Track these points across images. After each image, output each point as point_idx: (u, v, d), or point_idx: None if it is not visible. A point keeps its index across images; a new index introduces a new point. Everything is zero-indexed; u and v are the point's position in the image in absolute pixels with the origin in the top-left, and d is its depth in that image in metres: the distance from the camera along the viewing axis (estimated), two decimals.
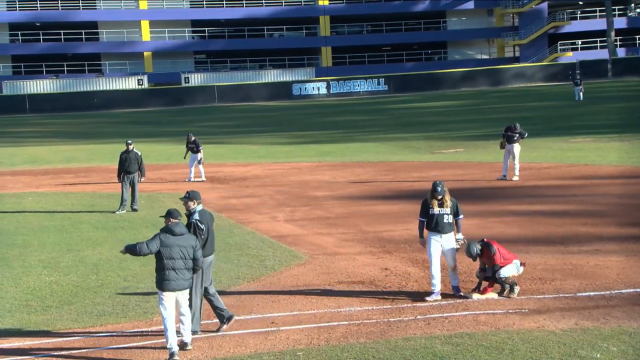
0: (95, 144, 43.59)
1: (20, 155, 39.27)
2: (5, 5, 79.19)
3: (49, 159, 37.17)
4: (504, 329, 10.76)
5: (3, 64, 79.51)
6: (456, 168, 27.84)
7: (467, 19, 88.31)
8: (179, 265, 10.20)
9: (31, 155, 38.84)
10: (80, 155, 38.17)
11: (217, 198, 23.65)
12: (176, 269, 10.18)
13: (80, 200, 24.08)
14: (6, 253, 16.75)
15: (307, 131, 46.29)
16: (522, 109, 50.00)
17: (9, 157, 38.26)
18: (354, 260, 15.08)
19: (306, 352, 10.13)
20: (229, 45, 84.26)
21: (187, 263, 10.26)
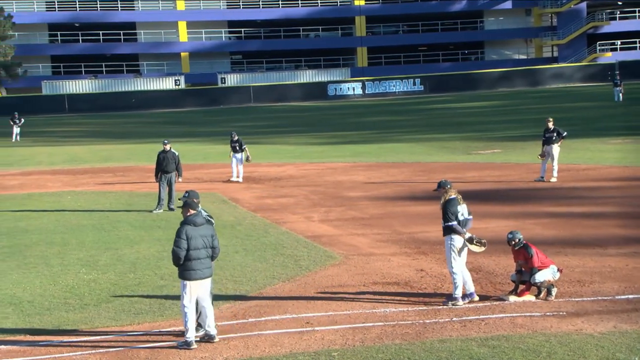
0: (132, 143, 43.95)
1: (60, 154, 39.72)
2: (45, 6, 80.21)
3: (88, 158, 37.56)
4: (541, 331, 10.65)
5: (42, 64, 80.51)
6: (493, 169, 27.64)
7: (505, 19, 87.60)
8: (203, 254, 10.55)
9: (70, 155, 39.27)
10: (118, 155, 38.52)
11: (252, 198, 23.72)
12: (200, 258, 10.53)
13: (118, 199, 24.28)
14: (45, 251, 16.95)
15: (342, 131, 46.25)
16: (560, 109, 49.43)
17: (49, 157, 38.74)
18: (389, 261, 15.04)
19: (341, 353, 10.11)
20: (264, 46, 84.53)
21: (208, 252, 10.64)
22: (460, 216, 12.06)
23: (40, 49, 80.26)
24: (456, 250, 12.09)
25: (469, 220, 12.19)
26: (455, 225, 12.01)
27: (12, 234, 19.05)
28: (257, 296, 12.90)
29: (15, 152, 41.29)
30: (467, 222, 12.16)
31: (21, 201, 24.50)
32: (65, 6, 79.99)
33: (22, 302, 13.02)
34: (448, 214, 12.02)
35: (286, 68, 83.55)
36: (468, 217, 12.18)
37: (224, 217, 20.33)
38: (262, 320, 11.61)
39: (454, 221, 12.00)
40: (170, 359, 10.21)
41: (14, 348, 10.87)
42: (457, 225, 12.01)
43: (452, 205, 12.08)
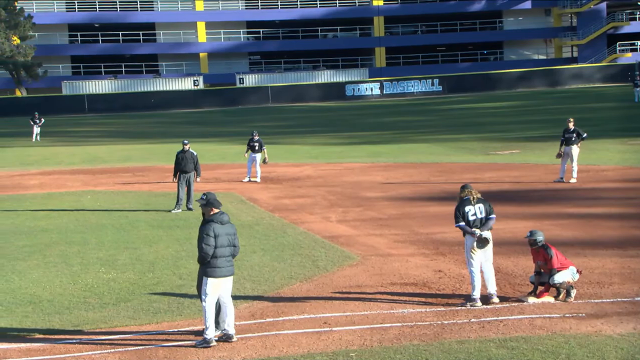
0: (151, 143, 44.15)
1: (79, 154, 39.96)
2: (65, 6, 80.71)
3: (107, 158, 37.76)
4: (560, 333, 10.60)
5: (62, 65, 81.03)
6: (511, 170, 27.54)
7: (524, 19, 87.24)
8: (227, 252, 10.69)
9: (90, 155, 39.50)
10: (137, 155, 38.69)
11: (270, 198, 23.76)
12: (224, 256, 10.66)
13: (137, 199, 24.38)
14: (65, 250, 17.04)
15: (360, 132, 46.24)
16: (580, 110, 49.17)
17: (69, 156, 38.97)
18: (407, 261, 15.01)
19: (359, 353, 10.11)
20: (283, 46, 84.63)
21: (231, 250, 10.76)
22: (472, 216, 12.05)
23: (60, 49, 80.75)
24: (468, 249, 12.10)
25: (489, 219, 12.15)
26: (462, 226, 12.07)
27: (32, 233, 19.17)
28: (275, 296, 12.92)
29: (36, 152, 41.57)
30: (487, 221, 12.12)
31: (41, 201, 24.65)
32: (85, 6, 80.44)
33: (42, 301, 13.11)
34: (456, 215, 12.13)
35: (304, 68, 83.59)
36: (489, 217, 12.14)
37: (242, 217, 20.37)
38: (280, 320, 11.62)
39: (461, 222, 12.06)
40: (189, 358, 10.25)
41: (34, 346, 10.95)
42: (464, 226, 12.04)
43: (460, 206, 12.16)
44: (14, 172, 32.85)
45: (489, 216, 12.13)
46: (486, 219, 12.11)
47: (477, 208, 12.11)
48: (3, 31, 70.45)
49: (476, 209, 12.10)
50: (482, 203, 12.18)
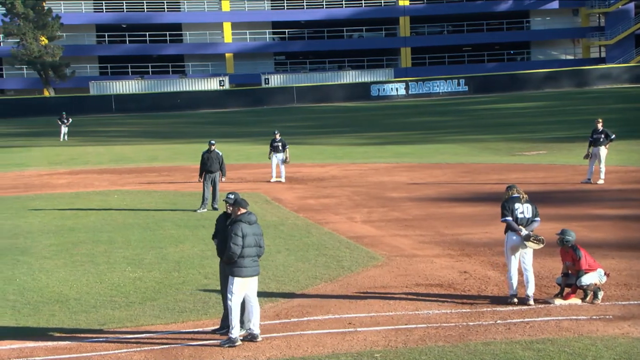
0: (178, 143, 44.37)
1: (107, 154, 40.25)
2: (92, 7, 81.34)
3: (134, 157, 37.98)
4: (587, 335, 10.52)
5: (90, 65, 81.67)
6: (538, 170, 27.35)
7: (552, 19, 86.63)
8: (253, 252, 10.73)
9: (117, 154, 39.76)
10: (164, 155, 38.90)
11: (295, 198, 23.77)
12: (251, 256, 10.68)
13: (163, 198, 24.51)
14: (92, 249, 17.16)
15: (385, 132, 46.16)
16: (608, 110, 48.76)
17: (96, 156, 39.27)
18: (432, 262, 14.96)
19: (384, 354, 10.08)
20: (308, 47, 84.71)
21: (257, 250, 10.79)
22: (520, 214, 12.06)
23: (88, 50, 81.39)
24: (509, 248, 12.11)
25: (534, 221, 12.15)
26: (509, 221, 12.03)
27: (59, 232, 19.33)
28: (299, 296, 12.92)
29: (63, 152, 41.92)
30: (532, 223, 12.12)
31: (69, 200, 24.84)
32: (113, 7, 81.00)
33: (68, 299, 13.20)
34: (504, 209, 12.10)
35: (329, 69, 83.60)
36: (534, 219, 12.14)
37: (267, 217, 20.41)
38: (304, 320, 11.62)
39: (509, 216, 12.03)
40: (214, 357, 10.28)
41: (61, 345, 11.03)
42: (511, 221, 12.00)
43: (509, 202, 12.15)
44: (42, 172, 33.15)
45: (534, 218, 12.15)
46: (531, 221, 12.12)
47: (526, 207, 12.16)
48: (31, 31, 71.08)
49: (524, 208, 12.14)
50: (530, 204, 12.23)
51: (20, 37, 71.36)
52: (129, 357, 10.47)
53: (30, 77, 77.74)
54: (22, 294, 13.63)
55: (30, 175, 31.96)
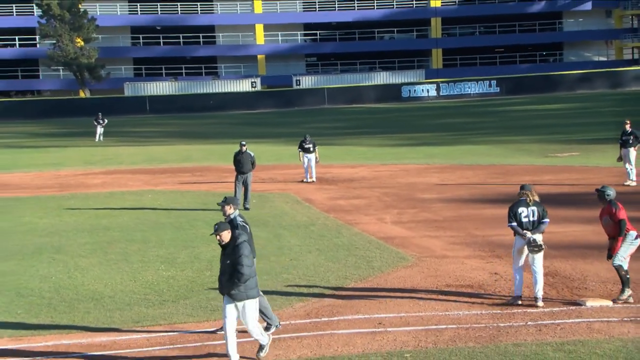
0: (210, 144, 44.56)
1: (140, 154, 40.52)
2: (127, 9, 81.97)
3: (167, 158, 38.21)
4: (618, 337, 10.44)
5: (125, 66, 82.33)
6: (571, 172, 27.11)
7: (584, 20, 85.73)
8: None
9: (150, 155, 40.03)
10: (196, 155, 39.10)
11: (325, 199, 23.80)
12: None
13: (195, 198, 24.65)
14: (126, 248, 17.33)
15: (416, 133, 46.00)
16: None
17: (130, 156, 39.57)
18: (463, 263, 14.91)
19: (414, 354, 10.08)
20: (339, 48, 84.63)
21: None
22: (524, 218, 12.02)
23: (123, 52, 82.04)
24: (515, 249, 12.17)
25: (541, 223, 12.03)
26: (513, 226, 12.10)
27: (94, 231, 19.54)
28: (330, 296, 12.95)
29: (99, 152, 42.30)
30: (539, 225, 12.03)
31: (103, 199, 25.09)
32: (147, 9, 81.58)
33: (103, 297, 13.35)
34: (509, 215, 12.18)
35: (360, 70, 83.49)
36: (542, 221, 12.03)
37: (298, 217, 20.48)
38: (334, 319, 11.65)
39: (513, 222, 12.08)
40: (247, 352, 10.34)
41: (95, 342, 11.16)
42: (516, 226, 12.05)
43: (514, 206, 12.18)
44: (78, 171, 33.49)
45: (542, 220, 12.03)
46: (539, 223, 12.00)
47: (531, 210, 12.05)
48: (67, 33, 71.83)
49: (529, 211, 12.05)
50: (537, 207, 12.07)
51: (56, 38, 72.11)
52: (162, 354, 10.57)
53: (66, 78, 78.53)
54: (57, 292, 13.82)
55: (66, 175, 32.32)
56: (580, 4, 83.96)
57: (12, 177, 32.20)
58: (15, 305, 13.07)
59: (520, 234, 11.99)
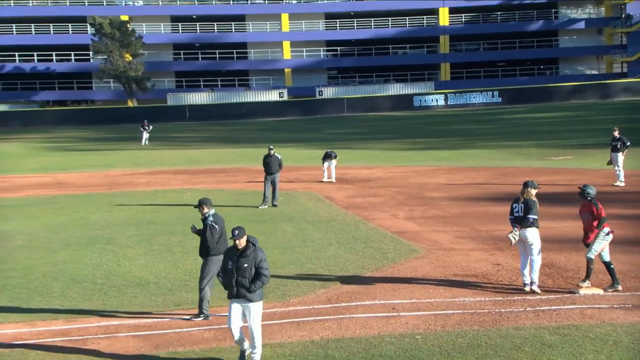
0: (242, 147, 44.67)
1: (180, 156, 40.71)
2: (170, 28, 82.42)
3: (204, 160, 38.36)
4: (608, 322, 10.35)
5: (168, 79, 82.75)
6: (565, 174, 26.90)
7: (578, 38, 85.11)
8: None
9: (189, 157, 40.21)
10: (230, 157, 39.20)
11: (344, 197, 23.77)
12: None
13: (229, 196, 24.71)
14: (168, 240, 17.41)
15: (426, 138, 45.84)
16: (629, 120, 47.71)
17: (171, 158, 39.77)
18: (468, 255, 14.85)
19: (424, 336, 10.06)
20: (358, 62, 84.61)
21: None
22: (516, 213, 12.13)
23: (166, 66, 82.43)
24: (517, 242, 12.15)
25: (525, 218, 11.97)
26: (510, 219, 12.25)
27: (140, 224, 19.65)
28: (348, 283, 12.94)
29: (144, 155, 42.53)
30: (522, 220, 12.00)
31: (148, 196, 25.22)
32: (188, 28, 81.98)
33: (148, 283, 13.42)
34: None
35: (376, 82, 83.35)
36: (526, 216, 11.95)
37: (320, 213, 20.48)
38: (353, 305, 11.64)
39: (510, 216, 12.26)
40: (274, 335, 10.35)
41: (141, 323, 11.22)
42: (511, 219, 12.20)
43: (512, 202, 12.33)
44: (126, 172, 33.70)
45: (526, 215, 11.98)
46: (522, 218, 12.00)
47: (520, 207, 12.09)
48: (117, 49, 72.30)
49: (519, 207, 12.10)
50: (526, 203, 12.04)
51: (107, 54, 72.61)
52: (200, 335, 10.62)
53: (116, 90, 79.06)
54: (108, 278, 13.92)
55: (115, 175, 32.53)
56: (574, 23, 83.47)
57: (68, 177, 32.48)
58: (70, 290, 13.19)
59: (512, 226, 12.07)
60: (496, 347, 9.55)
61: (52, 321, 11.42)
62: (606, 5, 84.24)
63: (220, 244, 11.35)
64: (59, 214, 22.07)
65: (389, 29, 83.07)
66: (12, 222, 20.86)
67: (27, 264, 15.28)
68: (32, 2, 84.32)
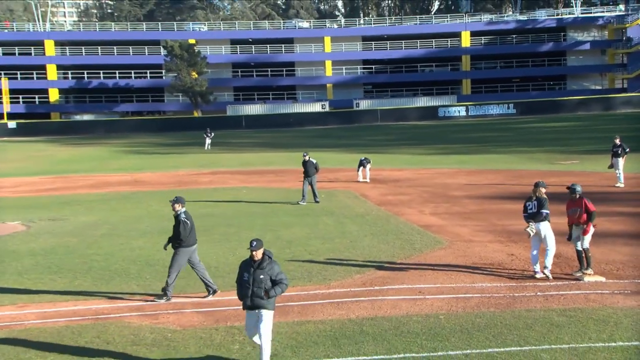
0: (289, 152, 44.80)
1: (237, 159, 41.02)
2: (230, 50, 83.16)
3: (257, 162, 38.60)
4: (610, 305, 10.13)
5: (227, 93, 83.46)
6: (571, 176, 26.38)
7: (584, 57, 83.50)
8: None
9: (244, 160, 40.49)
10: (279, 160, 39.36)
11: (377, 195, 23.68)
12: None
13: (277, 193, 24.83)
14: (226, 231, 17.55)
15: (449, 145, 45.41)
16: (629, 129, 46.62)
17: (229, 161, 40.11)
18: (486, 246, 14.66)
19: (447, 316, 9.96)
20: (390, 79, 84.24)
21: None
22: (530, 210, 11.89)
23: (226, 82, 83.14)
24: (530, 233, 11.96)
25: (538, 213, 11.79)
26: (524, 216, 11.98)
27: (202, 217, 19.80)
28: (381, 269, 12.88)
29: (207, 158, 42.98)
30: (535, 215, 11.82)
31: (210, 193, 25.47)
32: (244, 50, 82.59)
33: (209, 267, 13.52)
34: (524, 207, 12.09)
35: (406, 95, 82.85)
36: (539, 212, 11.77)
37: (356, 209, 20.42)
38: (384, 288, 11.59)
39: (524, 212, 11.98)
40: (316, 314, 10.36)
41: (204, 301, 11.34)
42: (525, 216, 11.95)
43: (525, 201, 12.06)
44: (191, 172, 34.08)
45: (539, 211, 11.80)
46: (536, 213, 11.81)
47: (534, 204, 11.90)
48: (185, 68, 73.19)
49: (533, 204, 11.90)
50: (538, 202, 11.84)
51: (177, 72, 73.56)
52: None
53: (184, 102, 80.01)
54: None
55: (183, 175, 32.91)
56: (581, 44, 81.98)
57: (144, 176, 32.97)
58: (145, 272, 13.37)
59: (526, 221, 11.85)
60: (510, 326, 9.41)
61: (130, 298, 11.59)
62: (609, 29, 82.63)
63: (190, 237, 11.44)
64: (136, 207, 22.41)
65: (417, 50, 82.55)
66: (97, 213, 21.25)
67: (108, 249, 15.54)
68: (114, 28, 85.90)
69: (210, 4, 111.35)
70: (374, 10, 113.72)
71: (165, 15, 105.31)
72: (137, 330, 9.90)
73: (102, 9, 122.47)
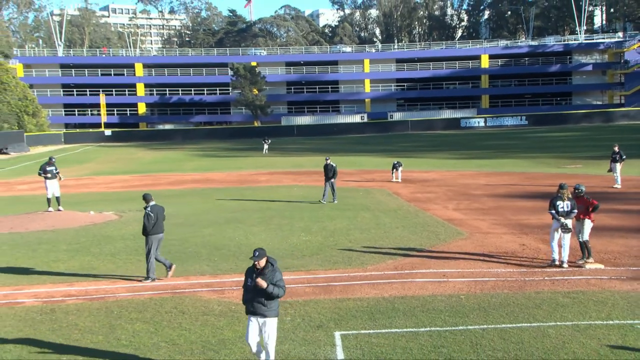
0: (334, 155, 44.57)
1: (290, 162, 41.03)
2: (285, 70, 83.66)
3: (306, 164, 38.61)
4: (608, 289, 9.84)
5: (282, 106, 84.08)
6: (576, 178, 25.63)
7: (587, 77, 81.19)
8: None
9: (296, 162, 40.59)
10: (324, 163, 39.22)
11: (408, 193, 23.45)
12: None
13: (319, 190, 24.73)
14: (280, 222, 17.60)
15: (470, 151, 44.66)
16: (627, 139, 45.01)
17: (283, 163, 40.24)
18: (501, 237, 14.39)
19: (467, 296, 9.83)
20: (419, 94, 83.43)
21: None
22: (561, 208, 11.46)
23: (281, 97, 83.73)
24: (553, 229, 11.58)
25: (572, 212, 11.45)
26: (552, 213, 11.50)
27: (260, 210, 19.97)
28: (410, 256, 12.77)
29: (264, 161, 43.25)
30: (569, 214, 11.46)
31: (267, 190, 25.58)
32: (297, 71, 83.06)
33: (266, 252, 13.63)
34: (550, 205, 11.57)
35: (433, 108, 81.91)
36: (572, 211, 11.44)
37: (390, 204, 20.27)
38: (413, 272, 11.49)
39: (552, 210, 11.50)
40: (355, 291, 10.35)
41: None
42: (554, 213, 11.47)
43: (554, 199, 11.57)
44: (251, 172, 34.36)
45: (572, 211, 11.50)
46: (570, 212, 11.50)
47: (566, 204, 11.53)
48: (248, 86, 74.01)
49: (565, 204, 11.53)
50: (570, 201, 11.56)
51: (241, 89, 74.46)
52: (302, 290, 10.72)
53: (247, 114, 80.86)
54: (239, 247, 14.22)
55: (245, 174, 33.21)
56: (584, 66, 79.92)
57: (213, 175, 33.43)
58: (213, 255, 13.56)
59: (556, 219, 11.46)
60: (521, 305, 9.23)
61: (201, 276, 11.78)
62: (609, 53, 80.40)
63: (156, 227, 11.27)
64: (206, 201, 22.72)
65: (443, 70, 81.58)
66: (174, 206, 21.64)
67: (183, 236, 15.82)
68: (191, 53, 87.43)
69: (269, 33, 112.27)
70: (406, 37, 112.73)
71: (232, 42, 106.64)
72: (207, 303, 10.05)
73: (181, 37, 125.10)
